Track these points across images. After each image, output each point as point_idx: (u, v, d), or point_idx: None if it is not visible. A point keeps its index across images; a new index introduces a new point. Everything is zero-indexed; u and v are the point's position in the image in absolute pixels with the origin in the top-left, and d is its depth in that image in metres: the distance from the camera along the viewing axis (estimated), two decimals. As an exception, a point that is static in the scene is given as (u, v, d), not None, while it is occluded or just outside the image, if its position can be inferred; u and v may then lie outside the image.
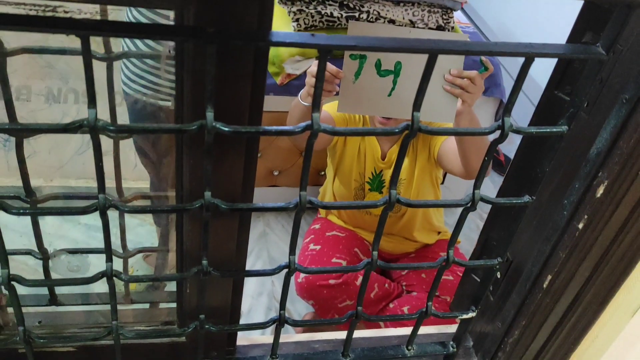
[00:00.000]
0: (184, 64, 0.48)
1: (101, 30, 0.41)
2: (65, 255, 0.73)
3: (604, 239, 0.61)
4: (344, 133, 0.51)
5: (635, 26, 0.51)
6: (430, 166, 1.64)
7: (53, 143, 2.07)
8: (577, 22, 0.58)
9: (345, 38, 0.44)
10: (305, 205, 0.54)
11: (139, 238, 1.92)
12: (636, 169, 0.56)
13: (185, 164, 0.55)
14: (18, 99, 1.39)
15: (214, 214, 0.57)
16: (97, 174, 0.48)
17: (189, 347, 0.72)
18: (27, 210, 0.50)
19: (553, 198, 0.64)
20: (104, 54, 0.57)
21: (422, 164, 1.64)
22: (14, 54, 0.54)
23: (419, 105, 0.50)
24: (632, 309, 0.68)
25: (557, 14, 2.90)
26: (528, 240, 0.69)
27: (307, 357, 0.75)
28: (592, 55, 0.50)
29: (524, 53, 0.47)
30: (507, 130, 0.52)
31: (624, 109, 0.54)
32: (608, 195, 0.58)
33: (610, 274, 0.65)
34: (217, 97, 0.48)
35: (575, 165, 0.60)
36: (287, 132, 0.49)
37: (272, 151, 2.17)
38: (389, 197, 0.55)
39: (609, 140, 0.56)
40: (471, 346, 0.84)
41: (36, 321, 0.72)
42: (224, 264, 0.63)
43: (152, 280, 0.72)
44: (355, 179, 1.70)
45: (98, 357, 0.70)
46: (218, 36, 0.42)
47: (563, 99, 0.60)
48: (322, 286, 1.61)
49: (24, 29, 0.39)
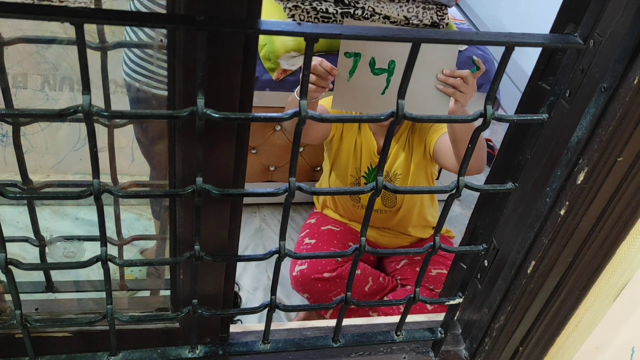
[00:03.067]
0: (175, 52, 0.49)
1: (95, 18, 0.42)
2: (61, 242, 0.74)
3: (585, 225, 0.63)
4: (331, 120, 0.52)
5: (613, 16, 0.52)
6: (425, 162, 1.66)
7: (49, 139, 2.08)
8: (559, 14, 0.60)
9: (330, 27, 0.46)
10: (294, 191, 0.56)
11: (136, 232, 1.93)
12: (614, 156, 0.57)
13: (177, 151, 0.57)
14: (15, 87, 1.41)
15: (206, 200, 0.59)
16: (91, 160, 0.50)
17: (183, 332, 0.74)
18: (23, 195, 0.51)
19: (536, 186, 0.65)
20: (98, 43, 0.59)
21: (417, 160, 1.65)
22: (10, 44, 0.55)
23: (403, 93, 0.52)
24: (613, 294, 0.70)
25: (550, 10, 2.91)
26: (513, 228, 0.70)
27: (298, 342, 0.76)
28: (570, 44, 0.52)
29: (503, 42, 0.49)
30: (489, 118, 0.54)
31: (602, 97, 0.56)
32: (588, 181, 0.59)
33: (592, 259, 0.67)
34: (208, 84, 0.50)
35: (558, 153, 0.62)
36: (277, 118, 0.51)
37: (267, 147, 2.18)
38: (376, 183, 0.57)
39: (588, 128, 0.57)
40: (460, 333, 0.86)
41: (33, 308, 0.73)
42: (216, 250, 0.65)
43: (145, 264, 0.74)
44: (352, 173, 1.72)
45: (94, 342, 0.72)
46: (208, 24, 0.43)
47: (545, 88, 0.61)
48: (316, 279, 1.63)
49: (19, 17, 0.41)
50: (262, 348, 0.75)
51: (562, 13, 0.60)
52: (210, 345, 0.75)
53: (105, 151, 0.70)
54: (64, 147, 2.16)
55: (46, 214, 1.97)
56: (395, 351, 0.82)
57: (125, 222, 0.76)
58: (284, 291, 1.98)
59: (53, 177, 2.21)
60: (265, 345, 0.75)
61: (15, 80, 1.28)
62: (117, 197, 0.51)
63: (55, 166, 2.21)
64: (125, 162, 1.61)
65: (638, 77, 0.53)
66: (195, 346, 0.74)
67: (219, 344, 0.76)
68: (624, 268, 0.68)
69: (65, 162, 2.20)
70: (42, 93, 1.38)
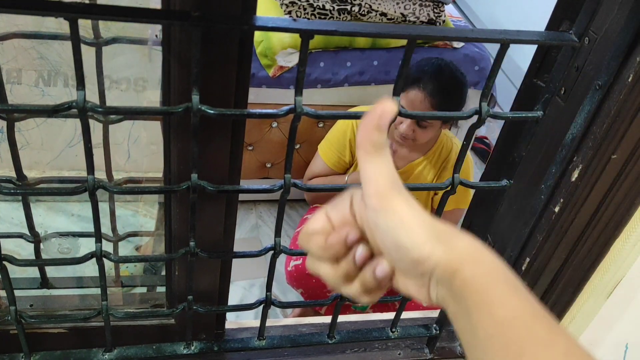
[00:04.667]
0: (170, 48, 0.49)
1: (89, 14, 0.42)
2: (56, 238, 0.74)
3: (579, 222, 0.63)
4: (326, 117, 0.52)
5: (608, 14, 0.53)
6: (430, 195, 1.75)
7: (45, 135, 2.08)
8: (554, 11, 0.60)
9: (326, 23, 0.46)
10: (289, 187, 0.56)
11: (132, 229, 1.93)
12: (609, 153, 0.58)
13: (173, 147, 0.56)
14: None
15: (201, 196, 0.59)
16: (86, 156, 0.50)
17: (178, 329, 0.74)
18: (17, 191, 0.51)
19: (531, 183, 0.66)
20: (92, 38, 0.59)
21: (427, 181, 1.72)
22: (5, 39, 0.55)
23: (398, 90, 0.52)
24: (607, 291, 0.70)
25: (547, 8, 2.91)
26: (508, 225, 0.71)
27: (293, 339, 0.77)
28: (564, 41, 0.52)
29: (499, 39, 0.49)
30: (485, 115, 0.54)
31: (597, 95, 0.56)
32: (582, 179, 0.60)
33: (586, 256, 0.67)
34: (203, 81, 0.50)
35: (552, 150, 0.62)
36: (272, 115, 0.51)
37: (264, 144, 2.18)
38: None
39: (583, 125, 0.58)
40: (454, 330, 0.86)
41: (28, 304, 0.73)
42: (211, 246, 0.65)
43: (140, 261, 0.74)
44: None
45: (89, 338, 0.72)
46: (203, 20, 0.43)
47: (540, 86, 0.62)
48: (311, 275, 1.63)
49: (14, 12, 0.40)
50: (258, 344, 0.75)
51: (557, 10, 0.60)
52: (205, 341, 0.75)
53: (101, 147, 0.70)
54: (59, 143, 2.15)
55: (41, 210, 1.96)
56: (391, 347, 0.83)
57: (120, 218, 0.76)
58: (280, 288, 1.98)
59: (49, 173, 2.20)
60: (261, 342, 0.75)
61: (10, 76, 1.27)
62: (111, 193, 0.51)
63: (51, 162, 2.20)
64: (121, 159, 1.61)
65: (632, 74, 0.53)
66: (190, 342, 0.74)
67: (214, 340, 0.76)
68: (617, 265, 0.68)
69: (61, 158, 2.19)
70: (38, 89, 1.37)
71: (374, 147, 0.37)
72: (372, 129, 0.37)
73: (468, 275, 0.35)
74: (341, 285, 0.40)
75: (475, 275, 0.35)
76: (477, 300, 0.34)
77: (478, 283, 0.35)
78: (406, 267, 0.38)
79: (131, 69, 1.24)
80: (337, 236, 0.39)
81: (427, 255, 0.36)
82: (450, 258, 0.36)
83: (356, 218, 0.40)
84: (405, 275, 0.39)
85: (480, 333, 0.34)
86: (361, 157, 0.37)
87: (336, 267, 0.40)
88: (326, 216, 0.41)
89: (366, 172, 0.37)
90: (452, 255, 0.36)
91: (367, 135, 0.37)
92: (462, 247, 0.37)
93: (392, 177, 0.37)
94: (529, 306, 0.34)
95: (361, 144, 0.37)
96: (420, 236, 0.36)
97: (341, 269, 0.39)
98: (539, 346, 0.32)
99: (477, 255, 0.36)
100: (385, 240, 0.37)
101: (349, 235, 0.39)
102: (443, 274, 0.36)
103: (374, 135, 0.37)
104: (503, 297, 0.34)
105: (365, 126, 0.37)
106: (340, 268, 0.39)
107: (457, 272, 0.35)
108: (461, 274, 0.35)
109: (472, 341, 0.35)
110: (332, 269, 0.40)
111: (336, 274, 0.39)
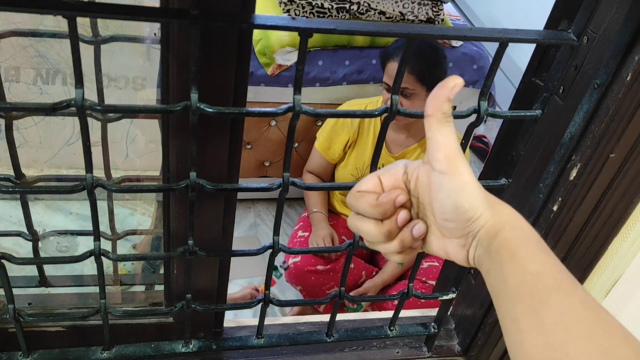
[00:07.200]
0: (169, 46, 0.49)
1: (87, 12, 0.42)
2: (54, 236, 0.74)
3: (577, 221, 0.64)
4: (324, 115, 0.52)
5: (606, 13, 0.53)
6: None
7: (43, 133, 2.07)
8: (553, 10, 0.60)
9: (324, 22, 0.46)
10: (288, 186, 0.56)
11: (130, 227, 1.93)
12: (607, 152, 0.58)
13: (171, 146, 0.56)
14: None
15: (200, 194, 0.59)
16: (84, 154, 0.50)
17: (177, 327, 0.74)
18: (16, 189, 0.51)
19: (530, 182, 0.66)
20: (91, 36, 0.58)
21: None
22: (2, 37, 0.55)
23: (397, 89, 0.52)
24: (605, 290, 0.70)
25: (546, 7, 2.92)
26: (506, 224, 0.71)
27: (292, 337, 0.77)
28: (563, 40, 0.52)
29: (497, 38, 0.49)
30: (483, 114, 0.54)
31: (595, 94, 0.56)
32: (581, 177, 0.60)
33: (584, 255, 0.67)
34: (202, 79, 0.50)
35: (551, 149, 0.62)
36: (270, 113, 0.51)
37: (262, 143, 2.18)
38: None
39: (581, 124, 0.58)
40: (453, 328, 0.86)
41: (26, 302, 0.73)
42: (210, 245, 0.65)
43: (138, 259, 0.74)
44: (352, 173, 1.75)
45: (87, 336, 0.72)
46: (201, 18, 0.43)
47: (539, 84, 0.62)
48: (310, 272, 1.64)
49: (12, 10, 0.40)
50: (256, 343, 0.75)
51: (556, 9, 0.60)
52: (203, 339, 0.75)
53: (99, 146, 0.70)
54: (58, 142, 2.15)
55: (39, 209, 1.96)
56: (389, 346, 0.83)
57: (118, 216, 0.76)
58: (278, 286, 1.98)
59: (47, 172, 2.20)
60: (259, 340, 0.75)
61: (8, 74, 1.27)
62: (110, 191, 0.51)
63: (49, 160, 2.20)
64: (120, 157, 1.61)
65: (631, 73, 0.53)
66: (188, 341, 0.74)
67: (212, 339, 0.76)
68: (616, 264, 0.68)
69: (60, 157, 2.19)
70: (36, 87, 1.37)
71: (444, 116, 0.41)
72: (443, 100, 0.41)
73: (507, 236, 0.40)
74: (381, 242, 0.45)
75: (513, 237, 0.40)
76: (511, 254, 0.39)
77: (515, 242, 0.40)
78: (456, 227, 0.42)
79: (130, 68, 1.24)
80: (388, 196, 0.43)
81: (479, 217, 0.41)
82: (495, 221, 0.41)
83: (407, 185, 0.45)
84: (451, 235, 0.43)
85: (511, 281, 0.38)
86: (432, 125, 0.41)
87: (380, 225, 0.44)
88: (378, 179, 0.45)
89: (437, 138, 0.41)
90: (497, 218, 0.41)
91: (439, 105, 0.41)
92: (506, 213, 0.42)
93: (457, 144, 0.42)
94: (557, 264, 0.39)
95: (434, 114, 0.41)
96: (478, 199, 0.41)
97: (385, 226, 0.44)
98: (561, 294, 0.37)
99: (516, 221, 0.42)
100: (445, 201, 0.42)
101: (399, 197, 0.43)
102: (485, 235, 0.41)
103: (445, 105, 0.41)
104: (535, 254, 0.39)
105: (437, 97, 0.41)
106: (384, 226, 0.44)
107: (499, 232, 0.40)
108: (501, 234, 0.40)
109: (502, 290, 0.39)
110: (376, 227, 0.44)
111: (380, 231, 0.44)
